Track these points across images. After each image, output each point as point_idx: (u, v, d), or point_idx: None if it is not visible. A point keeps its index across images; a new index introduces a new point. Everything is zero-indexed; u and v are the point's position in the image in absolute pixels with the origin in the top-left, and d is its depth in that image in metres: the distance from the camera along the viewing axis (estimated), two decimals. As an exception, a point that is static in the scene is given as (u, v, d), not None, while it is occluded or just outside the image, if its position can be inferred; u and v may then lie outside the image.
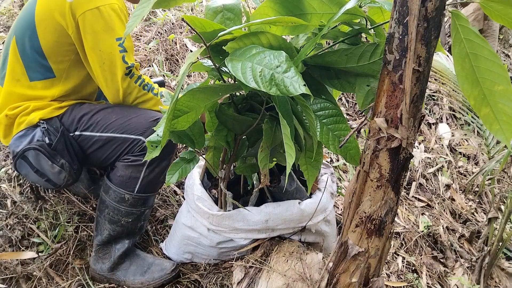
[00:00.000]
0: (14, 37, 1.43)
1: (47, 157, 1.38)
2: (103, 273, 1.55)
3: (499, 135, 0.81)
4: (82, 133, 1.46)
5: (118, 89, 1.43)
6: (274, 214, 1.47)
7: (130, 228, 1.55)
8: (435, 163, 2.87)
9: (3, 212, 1.64)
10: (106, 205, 1.51)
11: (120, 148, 1.45)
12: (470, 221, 2.53)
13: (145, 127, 1.44)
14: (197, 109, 1.04)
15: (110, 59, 1.38)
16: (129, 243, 1.57)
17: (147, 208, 1.56)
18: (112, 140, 1.44)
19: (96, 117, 1.46)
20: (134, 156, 1.44)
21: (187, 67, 0.88)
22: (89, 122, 1.45)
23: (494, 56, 0.77)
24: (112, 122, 1.45)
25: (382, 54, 0.92)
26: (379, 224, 0.95)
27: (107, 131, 1.44)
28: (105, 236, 1.53)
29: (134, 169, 1.45)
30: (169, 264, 1.57)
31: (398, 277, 1.93)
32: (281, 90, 0.81)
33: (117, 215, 1.50)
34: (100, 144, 1.45)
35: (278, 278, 1.37)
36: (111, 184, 1.49)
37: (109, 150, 1.46)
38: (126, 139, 1.44)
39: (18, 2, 2.65)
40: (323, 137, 1.03)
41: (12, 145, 1.41)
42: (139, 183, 1.47)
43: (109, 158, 1.48)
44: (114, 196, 1.49)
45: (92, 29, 1.35)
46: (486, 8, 0.81)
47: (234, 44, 0.93)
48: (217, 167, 1.41)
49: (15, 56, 1.43)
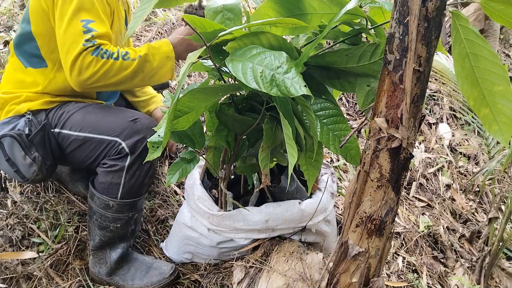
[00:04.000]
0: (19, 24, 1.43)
1: (22, 147, 1.34)
2: (101, 277, 1.54)
3: (498, 136, 0.81)
4: (60, 131, 1.40)
5: (69, 67, 1.27)
6: (274, 214, 1.47)
7: (120, 233, 1.50)
8: (436, 163, 2.87)
9: (4, 212, 1.64)
10: (94, 211, 1.45)
11: (97, 150, 1.38)
12: (470, 221, 2.53)
13: (122, 127, 1.36)
14: (197, 109, 1.04)
15: (72, 41, 1.27)
16: (124, 248, 1.53)
17: (135, 212, 1.49)
18: (89, 141, 1.37)
19: (76, 115, 1.40)
20: (112, 161, 1.37)
21: (187, 67, 0.89)
22: (68, 120, 1.40)
23: (494, 56, 0.77)
24: (90, 122, 1.39)
25: (383, 54, 0.92)
26: (380, 224, 0.95)
27: (83, 130, 1.38)
28: (97, 241, 1.49)
29: (114, 175, 1.38)
30: (167, 267, 1.54)
31: (399, 277, 1.93)
32: (282, 91, 0.81)
33: (105, 221, 1.45)
34: (77, 144, 1.39)
35: (279, 278, 1.37)
36: (94, 191, 1.43)
37: (86, 151, 1.39)
38: (102, 141, 1.36)
39: (18, 2, 2.66)
40: (324, 137, 1.03)
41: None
42: (121, 189, 1.40)
43: (87, 160, 1.41)
44: (99, 203, 1.43)
45: (61, 12, 1.28)
46: (487, 8, 0.81)
47: (235, 44, 0.93)
48: (217, 167, 1.41)
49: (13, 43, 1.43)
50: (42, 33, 1.38)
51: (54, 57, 1.40)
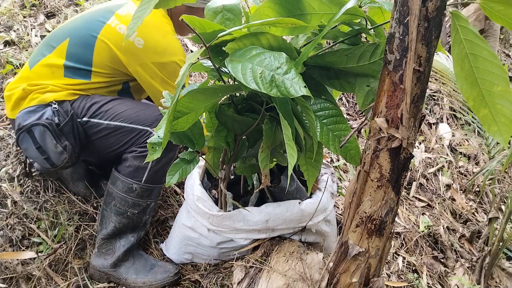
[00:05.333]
0: (68, 39, 1.51)
1: (53, 136, 1.42)
2: (104, 269, 1.55)
3: (497, 136, 0.81)
4: (90, 120, 1.50)
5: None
6: (274, 214, 1.47)
7: (135, 221, 1.57)
8: (436, 163, 2.86)
9: (4, 212, 1.64)
10: (113, 197, 1.53)
11: (125, 138, 1.49)
12: (470, 221, 2.53)
13: (153, 119, 1.50)
14: (197, 110, 1.04)
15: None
16: (134, 239, 1.59)
17: (152, 200, 1.59)
18: (120, 129, 1.49)
19: (106, 106, 1.51)
20: (141, 148, 1.49)
21: (187, 68, 0.88)
22: (98, 110, 1.50)
23: (494, 57, 0.77)
24: (122, 112, 1.50)
25: (382, 54, 0.92)
26: (380, 224, 0.95)
27: (115, 120, 1.49)
28: (110, 229, 1.55)
29: (142, 159, 1.49)
30: (172, 267, 1.58)
31: (399, 277, 1.93)
32: (281, 91, 0.81)
33: (124, 206, 1.53)
34: (106, 132, 1.50)
35: (279, 278, 1.37)
36: (119, 175, 1.52)
37: (115, 139, 1.50)
38: (134, 129, 1.48)
39: (18, 2, 2.66)
40: (323, 138, 1.03)
41: (20, 118, 1.45)
42: (146, 173, 1.51)
43: (113, 146, 1.51)
44: (121, 187, 1.52)
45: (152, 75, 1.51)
46: (486, 9, 0.81)
47: (234, 45, 0.93)
48: (217, 168, 1.41)
49: (60, 56, 1.51)
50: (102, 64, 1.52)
51: (100, 80, 1.53)
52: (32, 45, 2.37)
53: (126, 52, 1.48)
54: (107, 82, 1.56)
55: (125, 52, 1.48)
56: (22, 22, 2.51)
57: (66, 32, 1.53)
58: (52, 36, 1.56)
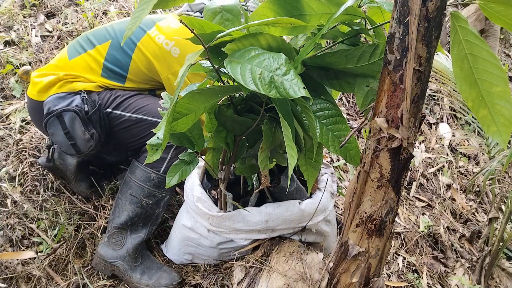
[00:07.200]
0: (110, 41, 1.57)
1: (82, 123, 1.46)
2: (110, 260, 1.56)
3: (497, 137, 0.81)
4: (112, 111, 1.55)
5: None
6: (274, 215, 1.47)
7: (148, 212, 1.59)
8: (436, 163, 2.86)
9: (4, 212, 1.64)
10: (130, 186, 1.57)
11: (146, 130, 1.54)
12: (470, 221, 2.53)
13: None
14: (196, 111, 1.04)
15: None
16: (145, 234, 1.60)
17: (167, 194, 1.62)
18: (142, 122, 1.54)
19: (130, 99, 1.57)
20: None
21: (186, 68, 0.88)
22: (122, 103, 1.56)
23: (493, 58, 0.77)
24: (145, 106, 1.56)
25: (382, 55, 0.92)
26: (380, 224, 0.95)
27: (138, 113, 1.55)
28: (123, 218, 1.56)
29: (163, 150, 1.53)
30: (177, 275, 1.58)
31: (399, 277, 1.93)
32: (280, 93, 0.80)
33: (140, 194, 1.56)
34: (128, 124, 1.55)
35: (279, 278, 1.37)
36: (139, 164, 1.57)
37: (136, 131, 1.55)
38: (155, 123, 1.53)
39: (18, 2, 2.66)
40: (323, 138, 1.03)
41: (50, 103, 1.48)
42: (165, 164, 1.55)
43: (133, 138, 1.56)
44: (140, 175, 1.56)
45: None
46: (486, 10, 0.81)
47: (233, 46, 0.93)
48: (216, 168, 1.41)
49: (100, 55, 1.56)
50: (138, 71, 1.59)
51: (133, 85, 1.62)
52: (32, 45, 2.37)
53: (162, 60, 1.54)
54: (138, 89, 1.63)
55: (161, 60, 1.54)
56: (22, 22, 2.51)
57: (109, 34, 1.59)
58: (95, 33, 1.61)
